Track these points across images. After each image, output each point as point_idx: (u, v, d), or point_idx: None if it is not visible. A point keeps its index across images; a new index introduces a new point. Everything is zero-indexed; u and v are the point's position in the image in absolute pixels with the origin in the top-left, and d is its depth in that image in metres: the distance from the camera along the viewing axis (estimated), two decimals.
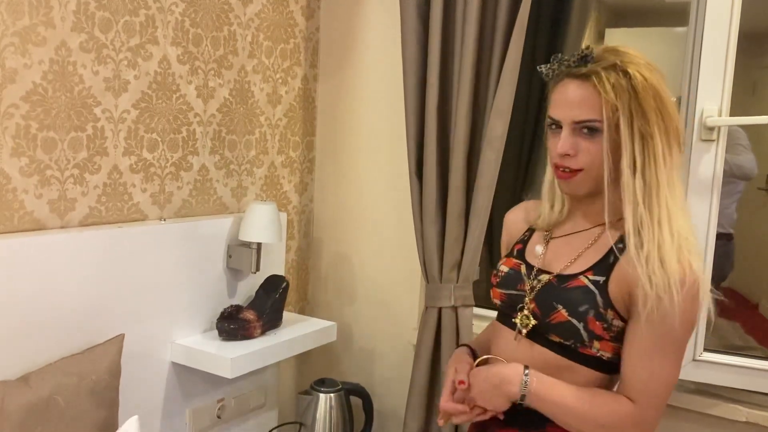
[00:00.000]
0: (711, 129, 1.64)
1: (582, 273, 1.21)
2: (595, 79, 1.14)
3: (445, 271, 1.95)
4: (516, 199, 2.54)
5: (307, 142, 2.28)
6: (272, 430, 2.08)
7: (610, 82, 1.13)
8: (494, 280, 1.35)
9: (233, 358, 1.70)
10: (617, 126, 1.14)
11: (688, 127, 1.74)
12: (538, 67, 1.25)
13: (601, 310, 1.17)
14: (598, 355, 1.19)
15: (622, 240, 1.18)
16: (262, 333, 1.87)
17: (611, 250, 1.19)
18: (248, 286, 1.99)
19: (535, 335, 1.24)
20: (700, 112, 1.64)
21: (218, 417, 1.95)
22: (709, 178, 1.64)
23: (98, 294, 1.60)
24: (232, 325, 1.80)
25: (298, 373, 2.34)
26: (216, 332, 1.84)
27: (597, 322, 1.17)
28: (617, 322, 1.17)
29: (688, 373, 1.70)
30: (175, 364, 1.80)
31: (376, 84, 2.18)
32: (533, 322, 1.23)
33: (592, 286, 1.18)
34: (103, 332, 1.60)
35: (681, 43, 1.78)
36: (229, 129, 1.98)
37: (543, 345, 1.23)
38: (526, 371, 1.19)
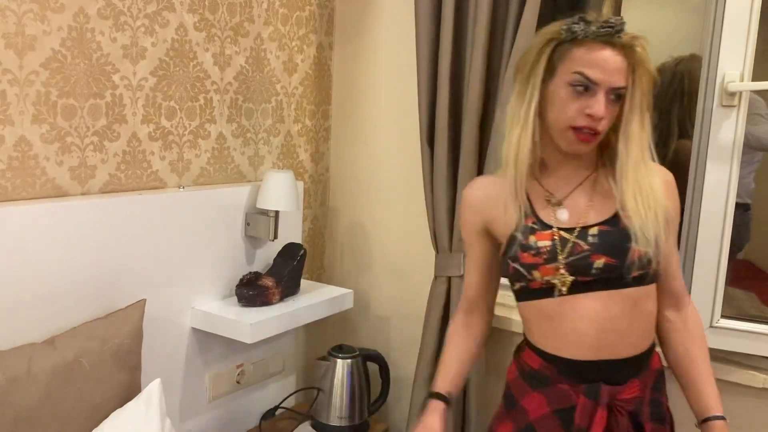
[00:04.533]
0: (732, 94, 1.62)
1: (616, 211, 1.29)
2: (628, 51, 1.24)
3: (456, 240, 1.95)
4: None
5: (323, 110, 2.28)
6: (291, 395, 2.11)
7: (636, 57, 1.24)
8: (539, 259, 1.30)
9: (252, 323, 1.72)
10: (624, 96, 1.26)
11: (708, 92, 1.72)
12: (569, 26, 1.25)
13: None
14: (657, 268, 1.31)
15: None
16: (281, 299, 1.89)
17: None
18: (266, 254, 2.01)
19: (612, 283, 1.28)
20: (722, 77, 1.62)
21: (237, 382, 1.98)
22: (729, 145, 1.63)
23: (119, 260, 1.62)
24: (251, 291, 1.82)
25: (315, 340, 2.37)
26: (235, 299, 1.87)
27: None
28: None
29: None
30: (195, 330, 1.83)
31: (391, 51, 2.17)
32: (610, 274, 1.27)
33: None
34: (124, 297, 1.63)
35: (700, 11, 1.76)
36: (246, 97, 1.98)
37: (621, 287, 1.28)
38: None
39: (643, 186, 1.27)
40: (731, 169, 1.64)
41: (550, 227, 1.32)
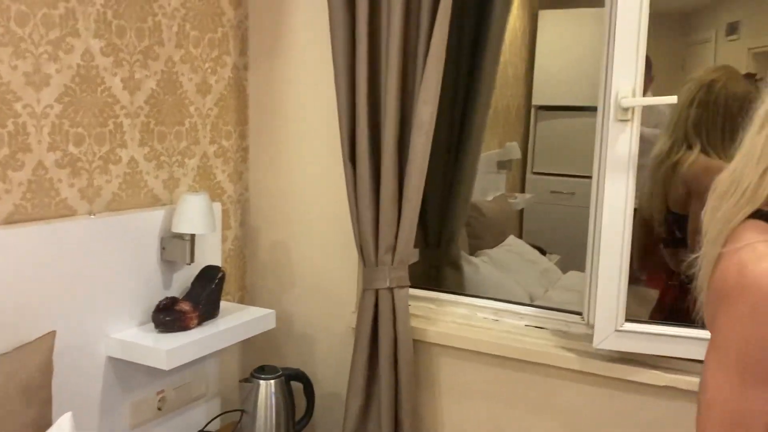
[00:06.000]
0: (626, 109, 1.70)
1: None
2: None
3: (381, 254, 1.99)
4: (447, 184, 2.59)
5: (240, 131, 2.28)
6: (214, 418, 2.10)
7: None
8: None
9: (169, 349, 1.71)
10: None
11: (605, 107, 1.81)
12: None
13: None
14: None
15: None
16: (199, 323, 1.87)
17: None
18: (184, 278, 1.99)
19: None
20: (616, 93, 1.70)
21: (159, 409, 1.95)
22: (625, 157, 1.71)
23: (28, 292, 1.59)
24: (167, 317, 1.80)
25: (241, 361, 2.36)
26: (152, 325, 1.84)
27: None
28: None
29: (612, 342, 1.78)
30: (111, 359, 1.80)
31: (307, 71, 2.19)
32: None
33: None
34: (34, 330, 1.59)
35: None
36: (158, 120, 1.97)
37: None
38: None
39: None
40: (628, 180, 1.72)
41: None
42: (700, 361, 1.73)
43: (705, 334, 1.72)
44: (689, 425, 1.77)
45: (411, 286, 2.04)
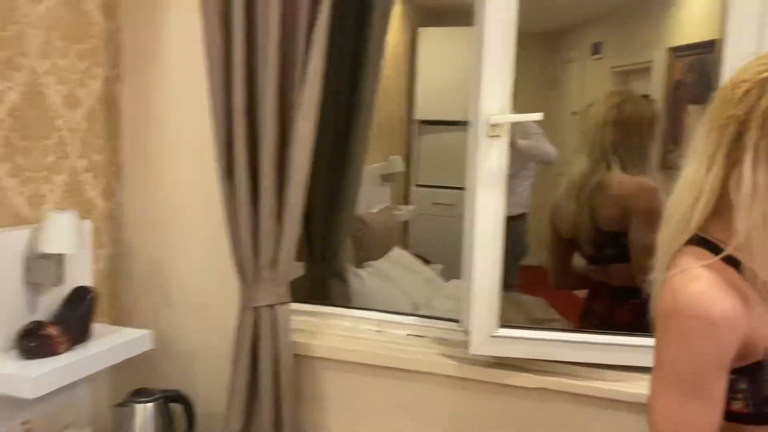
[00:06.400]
0: (495, 126, 1.79)
1: None
2: None
3: (260, 271, 1.97)
4: (331, 197, 2.62)
5: (113, 145, 2.20)
6: None
7: None
8: None
9: (36, 376, 1.62)
10: None
11: (477, 124, 1.89)
12: None
13: None
14: None
15: None
16: (70, 348, 1.78)
17: None
18: (51, 300, 1.89)
19: None
20: (486, 110, 1.78)
21: None
22: (495, 172, 1.80)
23: None
24: (33, 342, 1.71)
25: (116, 386, 2.25)
26: (17, 352, 1.73)
27: None
28: None
29: (487, 348, 1.85)
30: None
31: (183, 84, 2.14)
32: None
33: None
34: None
35: None
36: (23, 134, 1.86)
37: None
38: None
39: None
40: (499, 192, 1.80)
41: None
42: (569, 363, 1.85)
43: (570, 336, 1.84)
44: (561, 424, 1.88)
45: (295, 301, 2.04)
